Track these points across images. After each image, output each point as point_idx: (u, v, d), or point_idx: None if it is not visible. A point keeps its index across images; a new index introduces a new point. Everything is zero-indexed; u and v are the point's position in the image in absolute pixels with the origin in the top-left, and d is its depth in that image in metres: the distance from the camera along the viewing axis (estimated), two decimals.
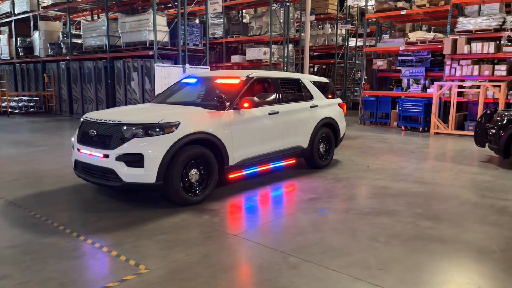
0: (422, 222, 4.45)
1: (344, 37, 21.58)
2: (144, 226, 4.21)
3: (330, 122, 7.12)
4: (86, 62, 15.68)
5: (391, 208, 4.90)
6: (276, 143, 6.06)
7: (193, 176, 4.90)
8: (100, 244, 3.74)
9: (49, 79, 17.68)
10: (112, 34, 14.69)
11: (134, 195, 5.29)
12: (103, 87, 15.08)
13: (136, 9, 16.11)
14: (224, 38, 18.44)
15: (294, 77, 6.77)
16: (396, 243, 3.85)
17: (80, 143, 5.06)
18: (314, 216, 4.59)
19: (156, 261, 3.41)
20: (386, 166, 7.31)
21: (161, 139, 4.60)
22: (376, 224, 4.35)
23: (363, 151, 8.87)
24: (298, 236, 4.00)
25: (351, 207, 4.96)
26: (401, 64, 14.22)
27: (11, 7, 19.35)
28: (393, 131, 12.82)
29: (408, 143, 10.28)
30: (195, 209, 4.75)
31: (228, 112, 5.30)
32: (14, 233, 4.00)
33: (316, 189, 5.72)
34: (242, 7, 19.82)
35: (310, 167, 7.01)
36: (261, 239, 3.91)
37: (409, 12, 13.35)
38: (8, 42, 20.00)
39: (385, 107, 14.16)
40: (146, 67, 13.40)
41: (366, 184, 6.04)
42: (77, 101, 16.33)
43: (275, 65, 17.43)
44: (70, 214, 4.62)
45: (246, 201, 5.21)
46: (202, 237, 3.94)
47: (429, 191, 5.73)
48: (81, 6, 16.70)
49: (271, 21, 16.66)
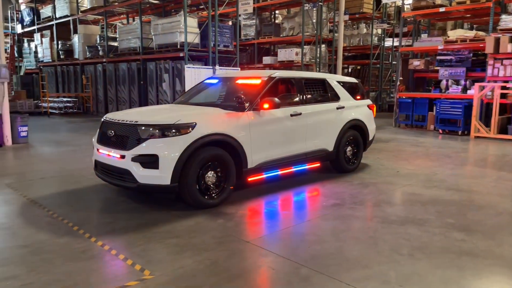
0: (452, 233, 4.10)
1: (380, 37, 20.95)
2: (157, 229, 4.12)
3: (358, 124, 6.81)
4: (120, 64, 16.05)
5: (419, 217, 4.56)
6: (299, 145, 5.84)
7: (209, 179, 4.77)
8: (109, 247, 3.67)
9: (87, 80, 18.25)
10: (145, 36, 14.95)
11: (152, 197, 5.24)
12: (136, 88, 15.37)
13: (169, 12, 16.31)
14: (256, 39, 18.36)
15: (320, 77, 6.52)
16: (421, 256, 3.55)
17: (99, 143, 5.07)
18: (334, 223, 4.34)
19: (162, 266, 3.30)
20: (418, 172, 6.90)
21: (176, 140, 4.51)
22: (401, 234, 4.04)
23: (394, 155, 8.46)
24: (315, 244, 3.77)
25: (376, 214, 4.66)
26: (440, 64, 13.56)
27: (53, 11, 20.18)
28: (429, 134, 12.23)
29: (445, 147, 9.73)
30: (210, 213, 4.62)
31: (247, 113, 5.15)
32: (28, 232, 4.02)
33: (340, 195, 5.44)
34: (274, 8, 19.67)
35: (336, 171, 6.72)
36: (274, 247, 3.72)
37: (448, 9, 12.70)
38: (50, 45, 20.83)
39: (422, 109, 13.53)
40: (177, 68, 13.51)
41: (394, 190, 5.70)
42: (112, 102, 16.74)
43: (307, 66, 17.13)
44: (86, 214, 4.61)
45: (264, 206, 5.02)
46: (213, 242, 3.79)
47: (463, 199, 5.32)
48: (117, 9, 17.12)
49: (303, 21, 16.40)
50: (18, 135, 9.64)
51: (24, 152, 8.67)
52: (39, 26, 21.75)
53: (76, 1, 18.75)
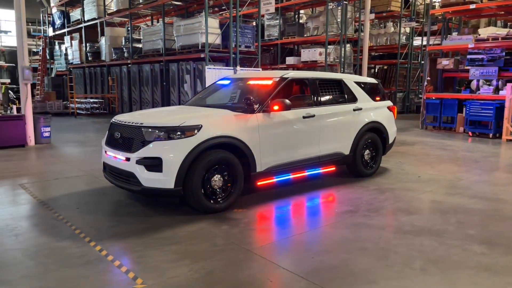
0: (472, 246, 3.78)
1: (408, 36, 20.29)
2: (158, 234, 4.01)
3: (376, 127, 6.51)
4: (144, 66, 16.22)
5: (437, 227, 4.26)
6: (312, 149, 5.61)
7: (216, 183, 4.63)
8: (107, 252, 3.58)
9: (112, 82, 18.57)
10: (168, 37, 15.02)
11: (159, 200, 5.14)
12: (159, 89, 15.48)
13: (192, 13, 16.35)
14: (279, 40, 18.15)
15: (336, 78, 6.26)
16: (434, 271, 3.27)
17: (107, 145, 5.02)
18: (344, 232, 4.10)
19: (156, 275, 3.17)
20: (441, 177, 6.53)
21: (181, 142, 4.39)
22: (415, 246, 3.76)
23: (418, 159, 8.07)
24: (319, 255, 3.55)
25: (390, 223, 4.39)
26: (470, 63, 12.93)
27: (82, 14, 20.66)
28: (458, 137, 11.68)
29: (473, 150, 9.23)
30: (216, 218, 4.47)
31: (256, 115, 4.97)
32: (30, 235, 3.99)
33: (354, 201, 5.18)
34: (298, 8, 19.40)
35: (353, 175, 6.45)
36: (276, 257, 3.53)
37: (479, 6, 12.09)
38: (79, 48, 21.35)
39: (450, 110, 12.97)
40: (198, 69, 13.49)
41: (413, 197, 5.38)
42: (136, 103, 16.94)
43: (331, 66, 16.78)
44: (91, 217, 4.56)
45: (272, 212, 4.83)
46: (213, 250, 3.64)
47: (488, 208, 4.95)
48: (142, 12, 17.31)
49: (327, 21, 16.07)
50: (41, 136, 9.84)
51: (45, 152, 8.82)
52: (69, 29, 22.33)
53: (103, 3, 19.12)
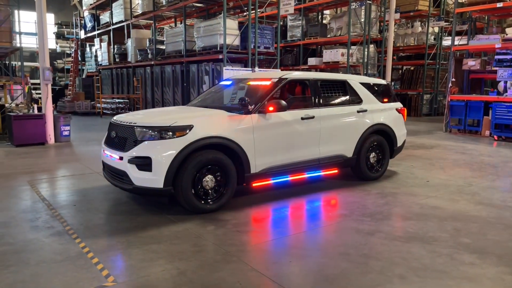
0: (462, 255, 3.60)
1: (437, 35, 19.65)
2: (143, 233, 4.05)
3: (383, 129, 6.32)
4: (166, 67, 16.50)
5: (429, 234, 4.08)
6: (311, 150, 5.52)
7: (207, 183, 4.63)
8: (89, 249, 3.65)
9: (137, 82, 19.00)
10: (189, 39, 15.21)
11: (154, 200, 5.20)
12: (180, 90, 15.70)
13: (213, 14, 16.48)
14: (301, 40, 18.01)
15: (339, 79, 6.13)
16: (415, 279, 3.13)
17: (105, 144, 5.13)
18: (331, 237, 4.01)
19: (129, 273, 3.20)
20: (450, 182, 6.27)
21: (171, 142, 4.42)
22: (400, 253, 3.62)
23: (431, 163, 7.78)
24: (297, 259, 3.48)
25: (381, 229, 4.24)
26: (498, 64, 12.36)
27: (110, 17, 21.26)
28: (483, 141, 11.19)
29: (494, 155, 8.81)
30: (204, 218, 4.47)
31: (251, 116, 4.94)
32: (21, 230, 4.12)
33: (350, 205, 5.05)
34: (321, 8, 19.19)
35: (357, 178, 6.30)
36: (253, 259, 3.48)
37: (506, 4, 11.54)
38: (107, 49, 21.98)
39: (476, 113, 12.46)
40: (216, 70, 13.58)
41: (414, 202, 5.18)
42: (158, 103, 17.25)
43: (353, 67, 16.49)
44: (84, 215, 4.66)
45: (263, 214, 4.78)
46: (192, 250, 3.64)
47: (491, 216, 4.70)
48: (165, 14, 17.62)
49: (350, 20, 15.80)
50: (61, 134, 10.19)
51: (62, 151, 9.12)
52: (99, 31, 23.03)
53: (130, 6, 19.60)
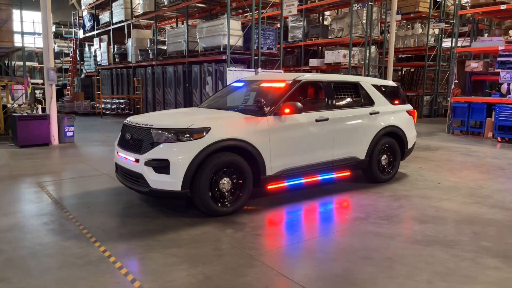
0: (485, 259, 3.59)
1: (437, 37, 19.71)
2: (162, 236, 4.01)
3: (394, 131, 6.32)
4: (168, 67, 16.44)
5: (449, 238, 4.07)
6: (325, 153, 5.50)
7: (224, 186, 4.60)
8: (110, 253, 3.61)
9: (138, 83, 18.92)
10: (191, 39, 15.17)
11: (167, 202, 5.16)
12: (182, 91, 15.64)
13: (215, 15, 16.45)
14: (303, 41, 18.00)
15: (352, 81, 6.11)
16: (441, 285, 3.11)
17: (119, 146, 5.08)
18: (350, 240, 3.98)
19: (154, 278, 3.16)
20: (461, 185, 6.27)
21: (189, 145, 4.38)
22: (424, 257, 3.60)
23: (439, 165, 7.79)
24: (322, 263, 3.45)
25: (400, 232, 4.23)
26: (501, 66, 12.41)
27: (110, 16, 21.16)
28: (486, 142, 11.23)
29: (500, 157, 8.84)
30: (221, 221, 4.44)
31: (267, 118, 4.91)
32: (38, 234, 4.07)
33: (366, 208, 5.04)
34: (323, 9, 19.20)
35: (368, 181, 6.28)
36: (277, 263, 3.45)
37: (510, 6, 11.59)
38: (107, 49, 21.88)
39: (479, 114, 12.50)
40: (219, 71, 13.55)
41: (428, 205, 5.18)
42: (159, 104, 17.19)
43: (355, 68, 16.52)
44: (99, 217, 4.61)
45: (280, 217, 4.76)
46: (214, 254, 3.60)
47: (508, 219, 4.70)
48: (167, 14, 17.55)
49: (352, 22, 15.82)
50: (65, 135, 10.11)
51: (67, 152, 9.04)
52: (98, 31, 22.92)
53: (130, 6, 19.52)
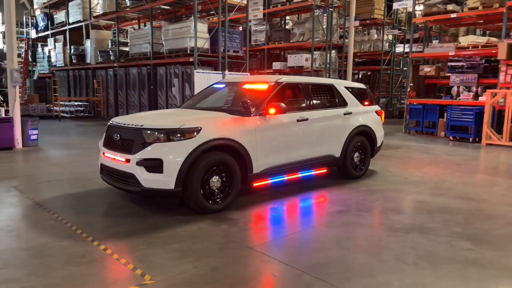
0: (459, 242, 4.01)
1: (390, 43, 20.82)
2: (158, 234, 4.10)
3: (365, 130, 6.74)
4: (131, 69, 16.20)
5: (425, 225, 4.48)
6: (305, 151, 5.79)
7: (214, 184, 4.75)
8: (111, 251, 3.66)
9: (98, 85, 18.46)
10: (156, 41, 15.07)
11: (154, 201, 5.23)
12: (146, 93, 15.48)
13: (179, 17, 16.44)
14: (266, 45, 18.37)
15: (327, 83, 6.47)
16: (426, 265, 3.47)
17: (105, 147, 5.09)
18: (339, 231, 4.28)
19: (162, 271, 3.27)
20: (426, 179, 6.80)
21: (181, 144, 4.50)
22: (406, 242, 3.96)
23: (403, 162, 8.35)
24: (318, 252, 3.71)
25: (381, 222, 4.58)
26: (451, 70, 13.41)
27: (66, 16, 20.48)
28: (440, 141, 12.07)
29: (455, 154, 9.58)
30: (214, 218, 4.59)
31: (253, 118, 5.12)
32: (31, 235, 4.03)
33: (345, 201, 5.38)
34: (284, 14, 19.68)
35: (343, 177, 6.66)
36: (277, 254, 3.67)
37: (460, 15, 12.57)
38: (63, 50, 21.15)
39: (432, 115, 13.40)
40: (186, 73, 13.58)
41: (401, 198, 5.61)
42: (122, 106, 16.89)
43: (316, 71, 17.08)
44: (90, 218, 4.61)
45: (269, 212, 4.98)
46: (215, 248, 3.76)
47: (471, 207, 5.21)
48: (129, 15, 17.30)
49: (313, 27, 16.37)
50: (29, 138, 9.75)
51: (34, 155, 8.76)
52: (52, 31, 22.09)
53: (89, 6, 19.02)
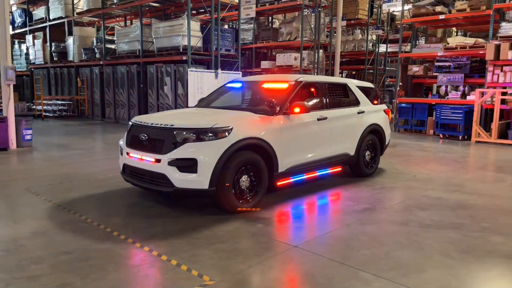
0: (491, 237, 4.15)
1: (374, 43, 21.21)
2: (198, 234, 4.05)
3: (376, 129, 6.86)
4: (119, 67, 15.85)
5: (453, 221, 4.61)
6: (324, 150, 5.85)
7: (243, 183, 4.74)
8: (157, 252, 3.59)
9: (82, 83, 17.97)
10: (145, 39, 14.80)
11: (180, 202, 5.16)
12: (136, 92, 15.19)
13: (169, 15, 16.21)
14: (253, 44, 18.36)
15: (341, 82, 6.55)
16: (471, 260, 3.57)
17: (130, 147, 4.97)
18: (372, 228, 4.34)
19: (218, 272, 3.24)
20: (434, 176, 6.98)
21: (214, 144, 4.46)
22: (443, 238, 4.07)
23: (404, 160, 8.54)
24: (362, 249, 3.76)
25: (410, 218, 4.68)
26: (438, 70, 13.82)
27: (46, 12, 19.82)
28: (429, 139, 12.40)
29: (449, 152, 9.88)
30: (246, 217, 4.57)
31: (278, 117, 5.13)
32: (67, 238, 3.90)
33: (367, 199, 5.46)
34: (272, 13, 19.72)
35: (355, 175, 6.75)
36: (324, 252, 3.69)
37: (448, 16, 12.96)
38: (42, 47, 20.46)
39: (421, 114, 13.75)
40: (179, 72, 13.41)
41: (419, 195, 5.74)
42: (109, 105, 16.50)
43: (305, 70, 17.21)
44: (119, 219, 4.51)
45: (297, 210, 5.00)
46: (260, 247, 3.75)
47: (489, 203, 5.39)
48: (115, 12, 16.91)
49: (302, 27, 16.48)
50: (23, 139, 9.41)
51: (31, 156, 8.46)
52: (31, 27, 21.34)
53: (72, 2, 18.47)
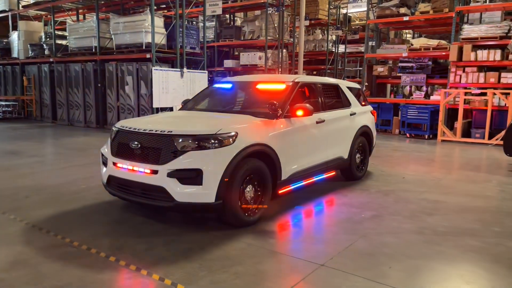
0: (508, 242, 4.06)
1: (334, 43, 21.42)
2: (209, 255, 3.59)
3: (366, 131, 6.70)
4: (72, 65, 14.67)
5: (465, 227, 4.49)
6: (322, 154, 5.57)
7: (248, 194, 4.33)
8: (171, 281, 3.10)
9: (28, 82, 16.50)
10: (102, 35, 13.81)
11: (173, 216, 4.65)
12: (92, 92, 14.13)
13: (127, 10, 15.28)
14: (215, 42, 17.84)
15: (333, 83, 6.31)
16: (503, 272, 3.42)
17: (117, 156, 4.37)
18: (392, 239, 4.10)
19: None
20: (421, 177, 6.94)
21: (220, 152, 4.00)
22: (464, 247, 3.91)
23: (384, 160, 8.50)
24: (391, 262, 3.50)
25: (422, 225, 4.51)
26: (402, 70, 14.13)
27: None
28: (396, 138, 12.60)
29: (423, 151, 10.02)
30: (252, 232, 4.16)
31: (280, 120, 4.77)
32: (55, 268, 3.29)
33: (369, 205, 5.24)
34: (234, 11, 19.28)
35: (345, 179, 6.54)
36: (355, 269, 3.37)
37: (411, 18, 13.23)
38: None
39: (387, 114, 13.96)
40: (142, 70, 12.61)
41: (417, 198, 5.61)
42: (61, 106, 15.25)
43: (269, 70, 16.97)
44: (112, 240, 3.93)
45: (303, 220, 4.67)
46: (285, 267, 3.37)
47: (487, 205, 5.37)
48: (67, 5, 15.67)
49: (267, 26, 16.22)
50: None
51: None
52: None
53: None
